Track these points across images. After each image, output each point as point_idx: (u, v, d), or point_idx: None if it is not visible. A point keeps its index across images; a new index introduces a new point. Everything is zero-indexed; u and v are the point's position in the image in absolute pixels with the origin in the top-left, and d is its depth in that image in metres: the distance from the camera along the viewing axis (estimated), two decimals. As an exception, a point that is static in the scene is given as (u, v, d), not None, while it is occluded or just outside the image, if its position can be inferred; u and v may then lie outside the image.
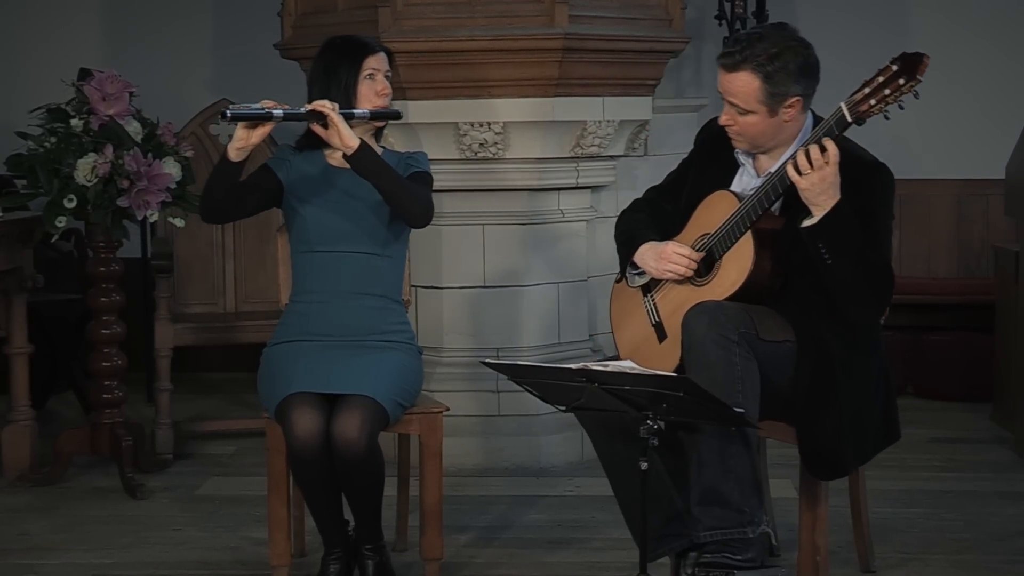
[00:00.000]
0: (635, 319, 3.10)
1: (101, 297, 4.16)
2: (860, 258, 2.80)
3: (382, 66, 3.21)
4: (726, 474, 2.81)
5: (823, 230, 2.77)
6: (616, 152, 4.49)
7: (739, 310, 2.85)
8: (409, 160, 3.27)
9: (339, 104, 3.11)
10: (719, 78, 2.93)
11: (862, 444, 2.95)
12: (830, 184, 2.75)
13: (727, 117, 2.93)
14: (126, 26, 5.80)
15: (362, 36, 3.28)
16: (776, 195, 2.87)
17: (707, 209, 3.00)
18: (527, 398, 3.20)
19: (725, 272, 2.92)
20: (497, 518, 3.83)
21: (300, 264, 3.23)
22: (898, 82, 2.70)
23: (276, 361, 3.15)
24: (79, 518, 3.87)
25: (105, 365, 4.18)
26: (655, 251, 3.02)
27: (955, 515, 3.80)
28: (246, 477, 4.23)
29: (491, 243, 4.38)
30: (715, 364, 2.79)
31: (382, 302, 3.20)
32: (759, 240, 2.88)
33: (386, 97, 3.20)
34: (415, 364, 3.21)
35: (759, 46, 2.87)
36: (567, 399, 2.78)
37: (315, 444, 2.97)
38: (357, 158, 3.03)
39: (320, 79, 3.20)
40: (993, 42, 5.70)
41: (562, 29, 4.11)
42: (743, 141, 2.96)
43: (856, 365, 2.91)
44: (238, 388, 5.39)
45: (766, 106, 2.88)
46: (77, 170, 3.86)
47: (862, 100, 2.74)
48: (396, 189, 3.09)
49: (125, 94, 3.98)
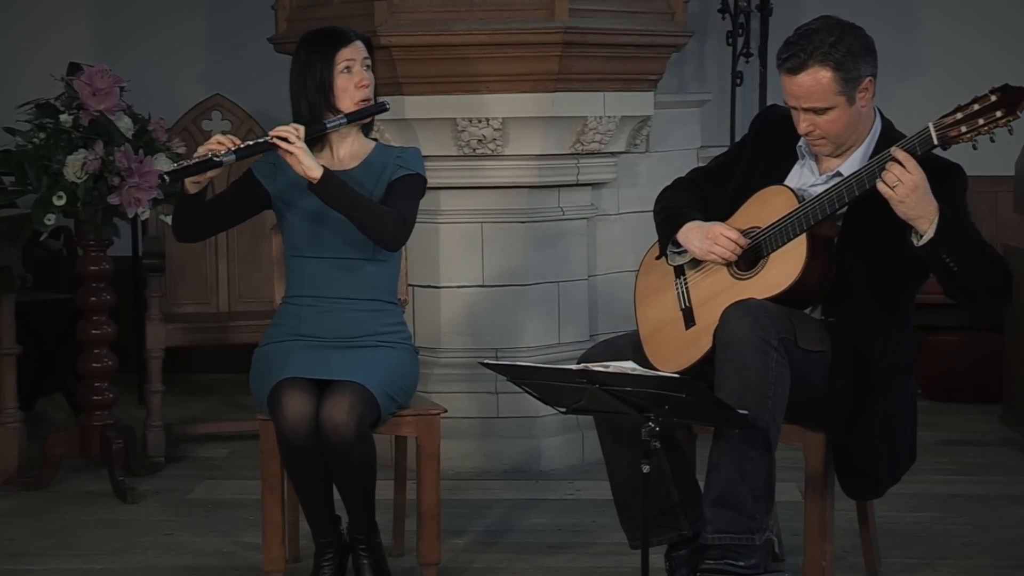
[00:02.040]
0: (663, 299, 3.04)
1: (91, 296, 4.16)
2: (981, 254, 2.78)
3: (358, 55, 3.15)
4: (743, 478, 2.80)
5: (942, 241, 2.71)
6: (617, 148, 4.49)
7: (782, 314, 2.81)
8: (400, 159, 3.21)
9: (317, 105, 3.08)
10: (785, 85, 2.86)
11: (894, 465, 2.95)
12: (924, 191, 2.69)
13: (806, 124, 2.86)
14: (117, 19, 5.80)
15: (336, 27, 3.22)
16: (843, 203, 2.81)
17: (761, 202, 2.93)
18: (526, 400, 3.20)
19: (771, 271, 2.87)
20: (496, 522, 3.83)
21: (292, 267, 3.23)
22: (995, 114, 2.65)
23: (268, 358, 3.16)
24: (68, 523, 3.87)
25: (95, 366, 4.17)
26: (702, 230, 2.95)
27: (964, 519, 3.80)
28: (239, 480, 4.22)
29: (490, 241, 4.38)
30: (751, 367, 2.76)
31: (376, 305, 3.20)
32: (813, 245, 2.82)
33: (366, 88, 3.14)
34: (410, 362, 3.21)
35: (817, 38, 2.82)
36: (567, 400, 2.78)
37: (305, 428, 2.97)
38: (320, 189, 3.00)
39: (296, 78, 3.17)
40: (1001, 35, 5.70)
41: (562, 23, 4.11)
42: (827, 144, 2.89)
43: (896, 384, 2.91)
44: (231, 390, 5.39)
45: (844, 95, 2.83)
46: (67, 167, 3.85)
47: (952, 125, 2.68)
48: (364, 217, 3.04)
49: (116, 89, 3.98)
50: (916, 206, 2.71)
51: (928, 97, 5.82)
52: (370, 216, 3.05)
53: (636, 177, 4.62)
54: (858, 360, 2.87)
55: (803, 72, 2.83)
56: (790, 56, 2.85)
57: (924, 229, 2.72)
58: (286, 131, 3.01)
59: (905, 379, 2.94)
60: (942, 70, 5.61)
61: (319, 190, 3.00)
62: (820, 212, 2.82)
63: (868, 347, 2.87)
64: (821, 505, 2.98)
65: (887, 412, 2.88)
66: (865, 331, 2.88)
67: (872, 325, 2.88)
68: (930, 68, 5.58)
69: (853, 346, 2.88)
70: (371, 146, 3.25)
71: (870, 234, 2.87)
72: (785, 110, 3.01)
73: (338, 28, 3.21)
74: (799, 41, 2.85)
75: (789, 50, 2.86)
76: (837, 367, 2.88)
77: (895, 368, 2.90)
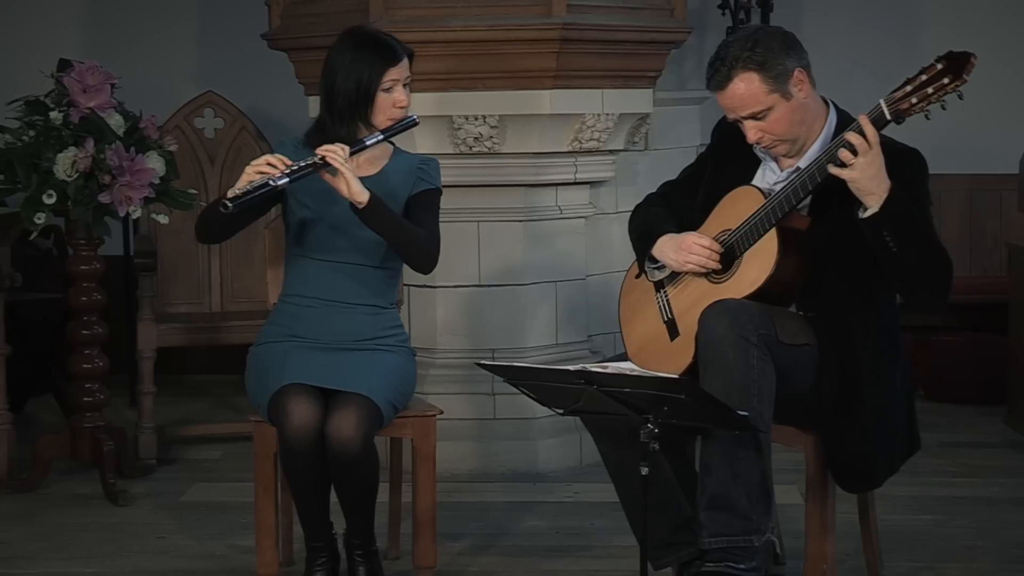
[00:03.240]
0: (646, 315, 3.08)
1: (82, 296, 4.16)
2: (925, 241, 2.80)
3: (403, 75, 3.15)
4: (735, 479, 2.81)
5: (886, 218, 2.75)
6: (616, 146, 4.49)
7: (760, 311, 2.84)
8: (422, 172, 3.22)
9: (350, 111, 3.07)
10: (720, 102, 2.92)
11: (890, 454, 2.96)
12: (879, 168, 2.74)
13: (753, 133, 2.90)
14: (107, 15, 5.80)
15: (386, 39, 3.18)
16: (805, 192, 2.85)
17: (730, 204, 2.98)
18: (524, 401, 3.21)
19: (746, 270, 2.90)
20: (493, 525, 3.83)
21: (294, 266, 3.22)
22: (942, 81, 2.69)
23: (265, 358, 3.16)
24: (58, 526, 3.87)
25: (86, 367, 4.17)
26: (675, 242, 3.00)
27: (967, 522, 3.80)
28: (232, 483, 4.22)
29: (487, 241, 4.38)
30: (732, 366, 2.78)
31: (374, 309, 3.21)
32: (784, 239, 2.86)
33: (404, 109, 3.15)
34: (409, 366, 3.22)
35: (734, 49, 2.89)
36: (565, 402, 2.78)
37: (310, 436, 2.98)
38: (366, 214, 3.02)
39: (336, 78, 3.12)
40: (1005, 32, 5.70)
41: (560, 19, 4.11)
42: (781, 144, 2.93)
43: (883, 372, 2.92)
44: (224, 391, 5.39)
45: (777, 92, 2.87)
46: (57, 165, 3.85)
47: (903, 98, 2.72)
48: (404, 242, 3.09)
49: (107, 86, 3.98)
50: (871, 180, 2.75)
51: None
52: (411, 243, 3.10)
53: (635, 175, 4.62)
54: (840, 352, 2.89)
55: (729, 84, 2.88)
56: (714, 74, 2.91)
57: (871, 205, 2.76)
58: (334, 151, 2.99)
59: (892, 367, 2.95)
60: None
61: (365, 214, 3.02)
62: (786, 204, 2.86)
63: (847, 339, 2.89)
64: (822, 507, 2.98)
65: (876, 402, 2.89)
66: (842, 323, 2.90)
67: (848, 316, 2.90)
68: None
69: (833, 339, 2.90)
70: (389, 151, 3.26)
71: (836, 224, 2.90)
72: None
73: (388, 41, 3.18)
74: (718, 57, 2.91)
75: (711, 69, 2.92)
76: (822, 361, 2.89)
77: (879, 357, 2.91)
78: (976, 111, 5.69)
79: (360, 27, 3.26)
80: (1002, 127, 5.65)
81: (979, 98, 5.69)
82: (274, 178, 2.97)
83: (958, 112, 6.15)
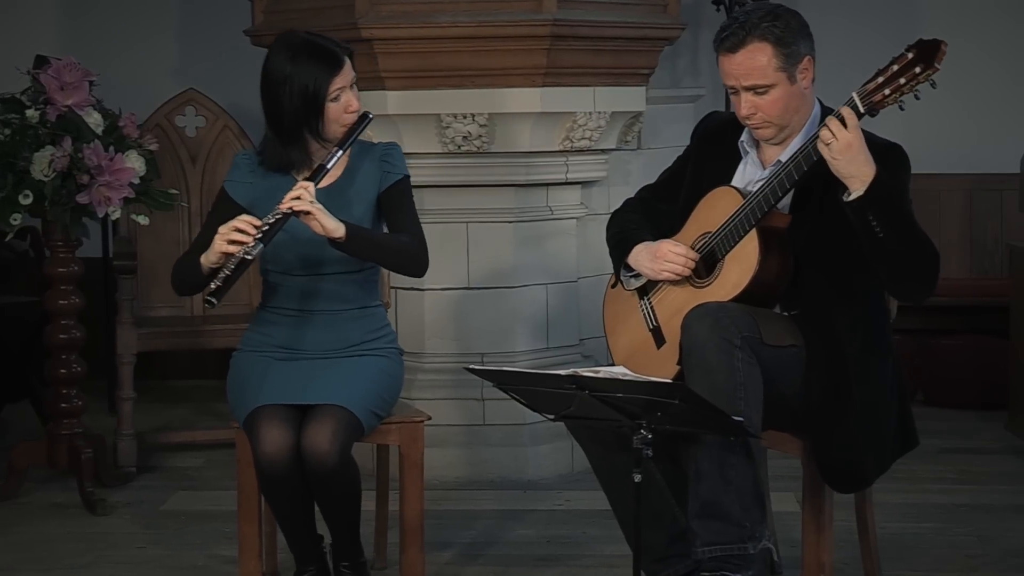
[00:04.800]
0: (630, 324, 3.10)
1: (59, 299, 4.15)
2: (910, 227, 2.82)
3: (347, 79, 3.08)
4: (726, 486, 2.82)
5: (871, 201, 2.76)
6: (608, 145, 4.50)
7: (743, 312, 2.86)
8: (385, 163, 3.19)
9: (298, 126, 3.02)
10: (724, 66, 2.92)
11: (881, 452, 2.96)
12: (859, 150, 2.76)
13: (747, 107, 2.92)
14: (85, 10, 5.79)
15: (322, 45, 3.08)
16: (783, 190, 2.88)
17: (708, 206, 3.00)
18: (514, 406, 3.21)
19: (728, 273, 2.93)
20: (482, 534, 3.84)
21: (272, 281, 3.19)
22: (914, 71, 2.72)
23: (246, 369, 3.15)
24: (35, 536, 3.86)
25: (63, 372, 4.17)
26: (650, 251, 3.03)
27: (968, 530, 3.81)
28: (215, 491, 4.22)
29: (476, 242, 4.39)
30: (716, 369, 2.80)
31: (359, 311, 3.19)
32: (765, 239, 2.88)
33: (355, 112, 3.09)
34: (395, 369, 3.21)
35: (755, 16, 2.90)
36: (556, 407, 2.79)
37: (284, 460, 2.96)
38: (346, 247, 3.00)
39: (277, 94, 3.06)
40: (1004, 31, 5.73)
41: (550, 15, 4.12)
42: (770, 127, 2.95)
43: (871, 368, 2.93)
44: (206, 396, 5.38)
45: (785, 72, 2.89)
46: (33, 164, 3.85)
47: (875, 90, 2.76)
48: (390, 258, 3.09)
49: (85, 83, 3.97)
50: (850, 164, 2.76)
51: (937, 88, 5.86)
52: (397, 256, 3.10)
53: (628, 175, 4.63)
54: (827, 350, 2.90)
55: (742, 49, 2.89)
56: (729, 35, 2.91)
57: (855, 188, 2.78)
58: (298, 196, 2.96)
59: (881, 362, 2.96)
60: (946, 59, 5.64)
61: (345, 247, 3.00)
62: (765, 203, 2.88)
63: (833, 335, 2.90)
64: (819, 515, 2.99)
65: (866, 399, 2.90)
66: (828, 320, 2.91)
67: (833, 313, 2.91)
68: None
69: (820, 337, 2.91)
70: (350, 149, 3.21)
71: (818, 220, 2.91)
72: (724, 115, 3.11)
73: (327, 46, 3.09)
74: (735, 20, 2.92)
75: (727, 30, 2.92)
76: (809, 360, 2.91)
77: (868, 352, 2.93)
78: (976, 110, 5.75)
79: (291, 33, 3.14)
80: (1002, 126, 5.67)
81: (978, 97, 5.75)
82: (248, 249, 2.95)
83: (958, 111, 6.21)
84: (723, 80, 2.95)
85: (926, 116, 5.59)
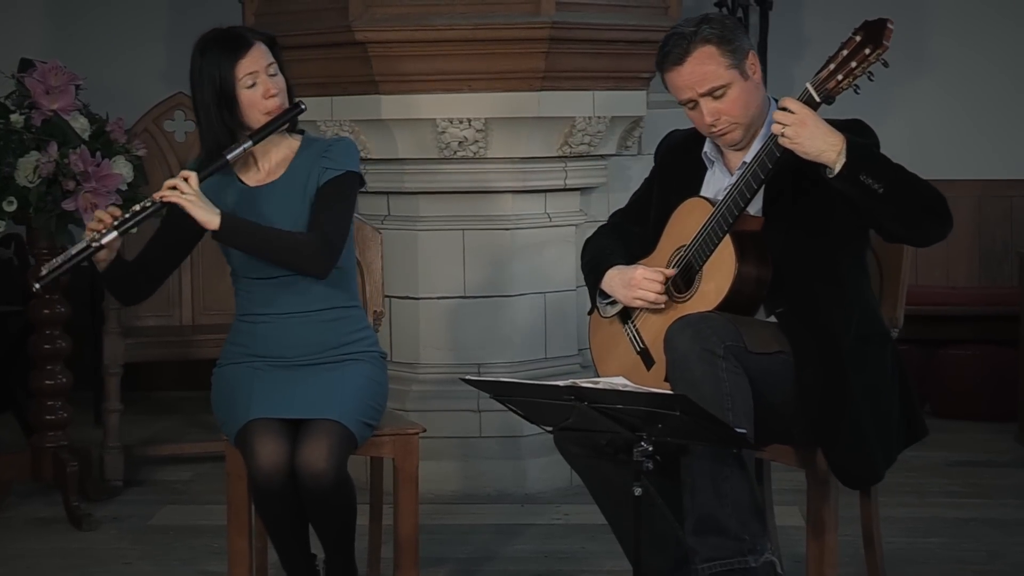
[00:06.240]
0: (619, 350, 3.11)
1: (44, 309, 4.16)
2: (904, 172, 2.82)
3: (260, 64, 3.04)
4: (721, 499, 2.82)
5: (855, 162, 2.76)
6: (607, 151, 4.51)
7: (725, 321, 2.86)
8: (326, 158, 3.11)
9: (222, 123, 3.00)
10: (675, 81, 2.95)
11: (887, 442, 2.96)
12: (815, 123, 2.77)
13: (710, 114, 2.95)
14: (72, 12, 5.80)
15: (231, 31, 3.08)
16: (751, 191, 2.89)
17: (680, 220, 3.02)
18: (511, 418, 3.21)
19: (707, 283, 2.94)
20: (479, 549, 3.84)
21: (240, 287, 3.18)
22: (864, 52, 2.76)
23: (230, 383, 3.14)
24: (19, 551, 3.86)
25: (48, 383, 4.17)
26: (623, 277, 3.04)
27: (977, 545, 3.82)
28: (203, 505, 4.22)
29: (472, 250, 4.39)
30: (701, 381, 2.80)
31: (335, 313, 3.16)
32: (740, 244, 2.89)
33: (276, 98, 3.04)
34: (380, 376, 3.18)
35: (688, 27, 2.95)
36: (554, 419, 2.79)
37: (280, 474, 2.96)
38: (223, 238, 2.96)
39: (195, 94, 3.05)
40: (1012, 37, 5.74)
41: (549, 17, 4.13)
42: (736, 128, 2.97)
43: (868, 357, 2.93)
44: (195, 408, 5.38)
45: (736, 69, 2.93)
46: (18, 170, 3.85)
47: (828, 77, 2.79)
48: (277, 254, 3.01)
49: (71, 87, 3.98)
50: (813, 139, 2.77)
51: (944, 92, 5.89)
52: (285, 252, 3.01)
53: (628, 181, 4.63)
54: (819, 344, 2.90)
55: (689, 57, 2.93)
56: (670, 50, 2.95)
57: (833, 160, 2.78)
58: (175, 183, 2.95)
59: (880, 351, 2.97)
60: (953, 63, 5.66)
61: (222, 239, 2.96)
62: (735, 208, 2.90)
63: (825, 329, 2.91)
64: (824, 529, 2.99)
65: (865, 389, 2.90)
66: (814, 314, 2.91)
67: (819, 305, 2.91)
68: (938, 69, 5.63)
69: (809, 332, 2.91)
70: (296, 144, 3.16)
71: (790, 216, 2.93)
72: (685, 131, 3.13)
73: (234, 32, 3.08)
74: (672, 37, 2.96)
75: (666, 47, 2.96)
76: (800, 359, 2.91)
77: (864, 342, 2.93)
78: (984, 115, 5.76)
79: (211, 30, 3.13)
80: (1011, 131, 5.69)
81: (987, 101, 5.76)
82: (97, 237, 2.92)
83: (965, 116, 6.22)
84: (677, 96, 2.98)
85: (933, 121, 5.64)
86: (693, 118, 3.00)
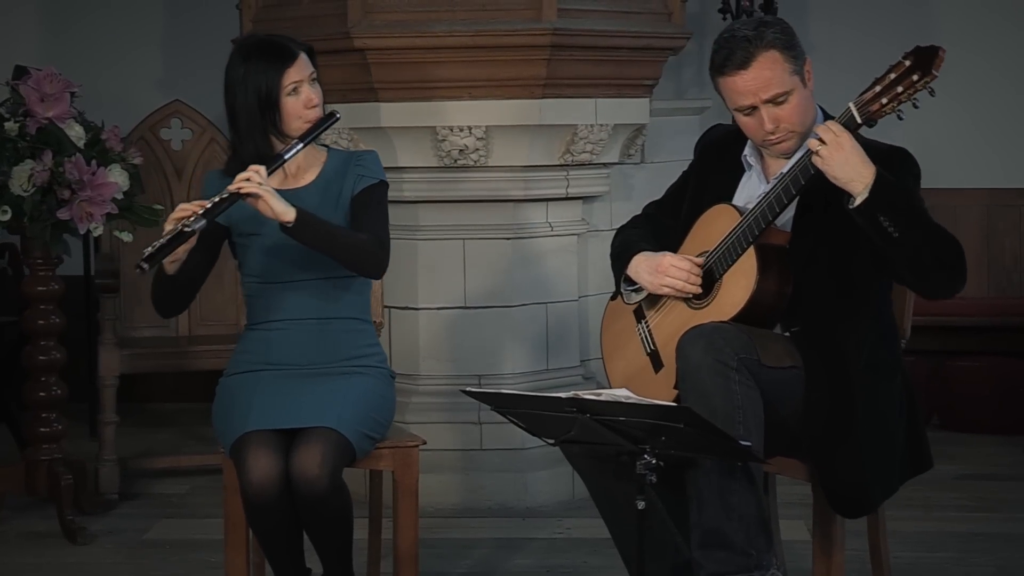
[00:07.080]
0: (629, 349, 3.11)
1: (39, 319, 4.16)
2: (926, 220, 2.81)
3: (304, 73, 3.12)
4: (728, 513, 2.82)
5: (877, 201, 2.76)
6: (610, 159, 4.51)
7: (739, 333, 2.86)
8: (360, 167, 3.21)
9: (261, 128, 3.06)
10: (735, 86, 2.90)
11: (887, 475, 2.96)
12: (851, 151, 2.76)
13: (771, 121, 2.91)
14: (67, 19, 5.81)
15: (276, 40, 3.16)
16: (781, 205, 2.88)
17: (705, 225, 3.01)
18: (512, 431, 3.21)
19: (726, 293, 2.93)
20: (479, 563, 3.83)
21: (256, 294, 3.21)
22: (911, 78, 2.73)
23: (233, 394, 3.14)
24: (12, 566, 3.85)
25: (43, 395, 4.17)
26: (651, 263, 3.03)
27: (986, 560, 3.81)
28: (200, 519, 4.22)
29: (472, 259, 4.39)
30: (712, 393, 2.80)
31: (349, 324, 3.20)
32: (763, 257, 2.89)
33: (316, 108, 3.13)
34: (386, 390, 3.20)
35: (749, 28, 2.91)
36: (556, 431, 2.78)
37: (272, 489, 2.96)
38: (294, 231, 3.00)
39: (235, 97, 3.11)
40: (1020, 43, 5.75)
41: (550, 24, 4.13)
42: (793, 137, 2.95)
43: (877, 387, 2.93)
44: (191, 420, 5.38)
45: (798, 75, 2.92)
46: (12, 178, 3.85)
47: (872, 99, 2.77)
48: (344, 251, 3.07)
49: (66, 94, 3.98)
50: (845, 166, 2.76)
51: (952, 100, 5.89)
52: (350, 249, 3.08)
53: (630, 190, 4.64)
54: (829, 368, 2.90)
55: (754, 62, 2.89)
56: (731, 53, 2.90)
57: (858, 192, 2.77)
58: (247, 177, 2.99)
59: (889, 381, 2.96)
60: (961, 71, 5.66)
61: (295, 232, 3.01)
62: (763, 220, 2.89)
63: (837, 352, 2.90)
64: (830, 544, 2.98)
65: (871, 419, 2.89)
66: (830, 337, 2.91)
67: (835, 328, 2.91)
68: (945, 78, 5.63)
69: (819, 354, 2.91)
70: (324, 155, 3.25)
71: (818, 234, 2.92)
72: (727, 127, 3.09)
73: (279, 41, 3.16)
74: (733, 40, 2.92)
75: (725, 50, 2.91)
76: (810, 379, 2.90)
77: (873, 370, 2.92)
78: (991, 123, 5.76)
79: (249, 36, 3.19)
80: (1019, 139, 5.68)
81: (994, 109, 5.77)
82: (188, 223, 2.96)
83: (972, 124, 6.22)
84: (734, 102, 2.93)
85: (940, 129, 5.64)
86: (747, 125, 2.95)
